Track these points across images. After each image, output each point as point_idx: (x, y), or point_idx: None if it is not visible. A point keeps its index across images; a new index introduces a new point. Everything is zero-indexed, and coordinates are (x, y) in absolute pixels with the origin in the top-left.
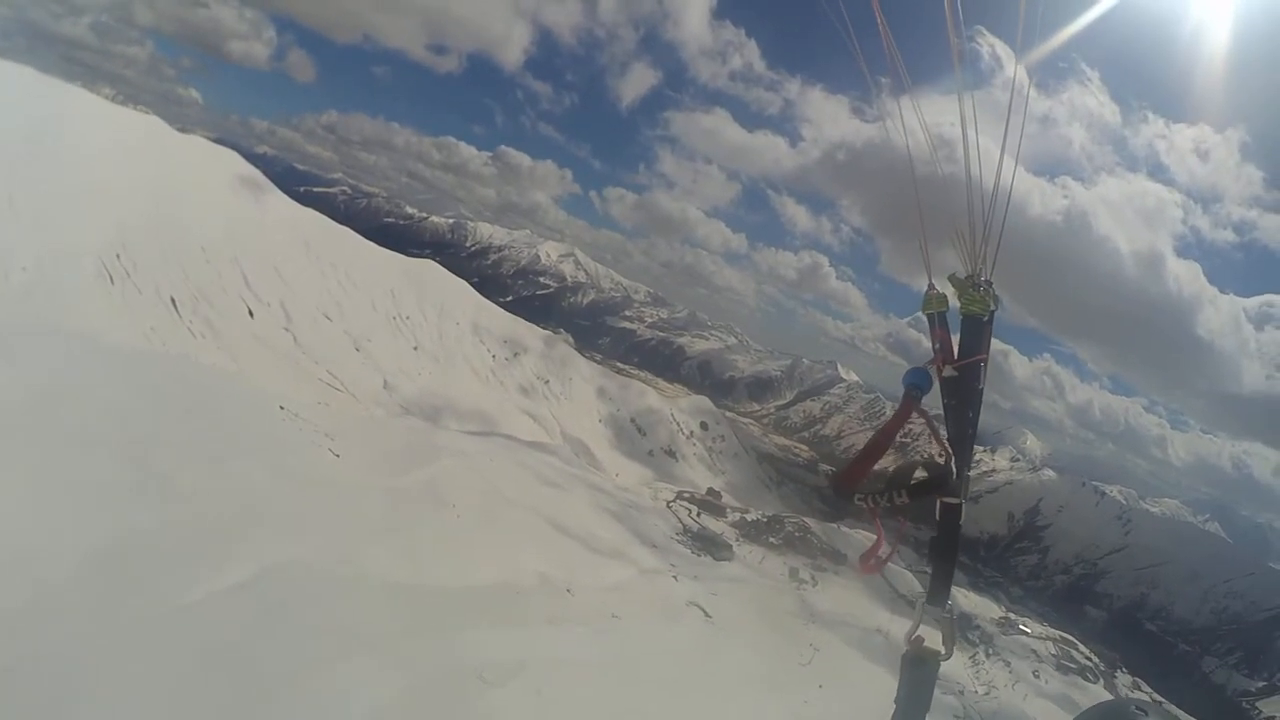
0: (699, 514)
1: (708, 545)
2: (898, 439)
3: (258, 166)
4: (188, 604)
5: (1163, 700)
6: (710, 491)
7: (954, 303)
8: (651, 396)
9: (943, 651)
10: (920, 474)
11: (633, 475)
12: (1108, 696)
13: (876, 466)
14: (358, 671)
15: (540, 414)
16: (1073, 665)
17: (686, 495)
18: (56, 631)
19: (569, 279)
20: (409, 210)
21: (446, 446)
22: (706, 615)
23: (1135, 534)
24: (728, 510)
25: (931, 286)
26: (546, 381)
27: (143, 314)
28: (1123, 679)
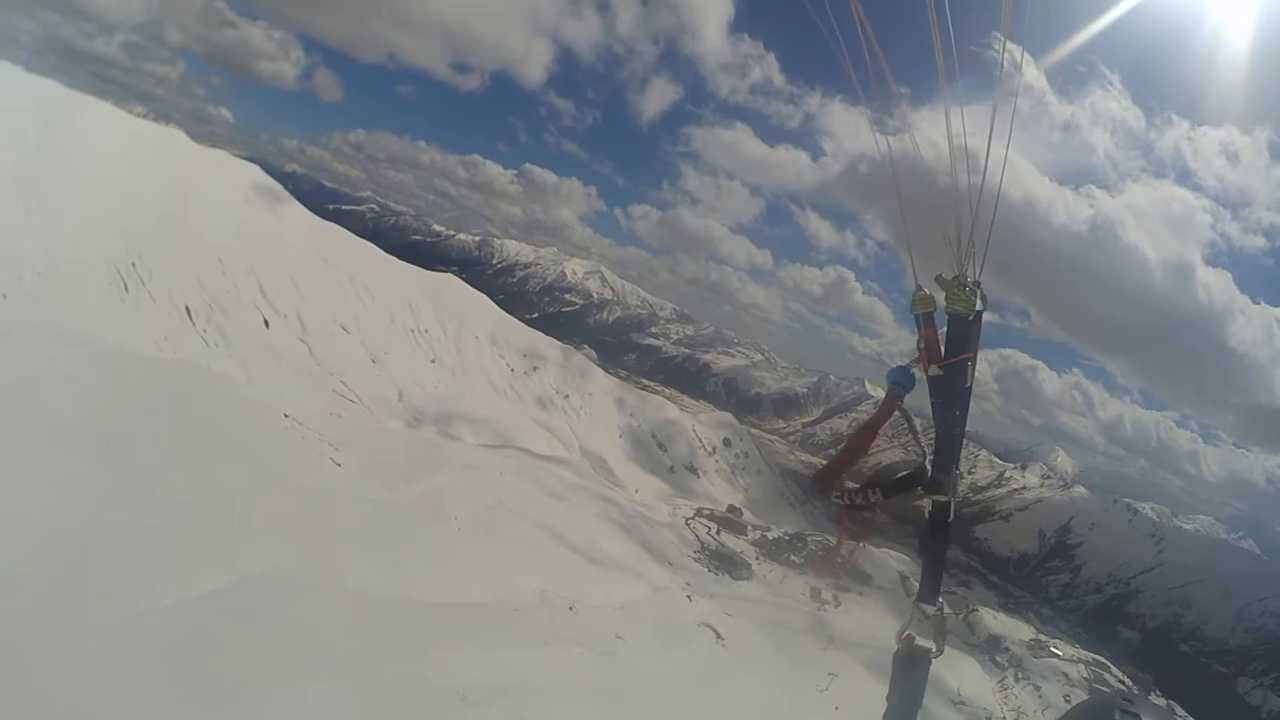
0: (718, 531)
1: (726, 563)
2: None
3: (288, 185)
4: (153, 608)
5: None
6: (731, 508)
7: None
8: (672, 410)
9: (934, 649)
10: (901, 473)
11: (652, 491)
12: None
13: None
14: (327, 691)
15: (558, 427)
16: (1104, 688)
17: (706, 512)
18: None
19: (595, 296)
20: (436, 228)
21: (454, 459)
22: (718, 637)
23: (1168, 552)
24: (748, 528)
25: (919, 288)
26: (566, 396)
27: (156, 322)
28: (1157, 701)
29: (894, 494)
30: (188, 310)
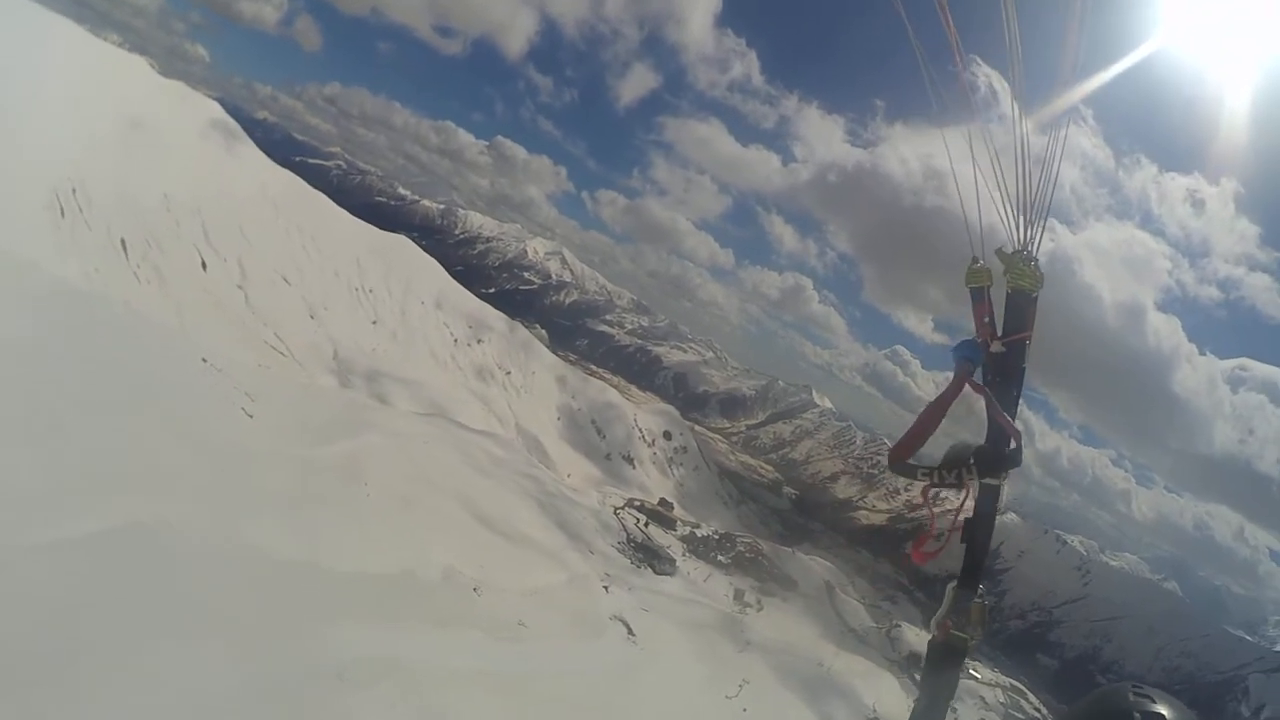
0: (647, 523)
1: (650, 557)
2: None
3: (257, 133)
4: (31, 545)
5: None
6: (663, 502)
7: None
8: (614, 395)
9: (973, 637)
10: (985, 450)
11: (584, 475)
12: None
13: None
14: (195, 654)
15: (494, 401)
16: (1020, 716)
17: (637, 503)
18: None
19: (554, 277)
20: (401, 191)
21: (380, 424)
22: (630, 633)
23: (1093, 585)
24: (678, 523)
25: (975, 260)
26: (508, 372)
27: (89, 252)
28: None
29: (988, 471)
30: (123, 244)
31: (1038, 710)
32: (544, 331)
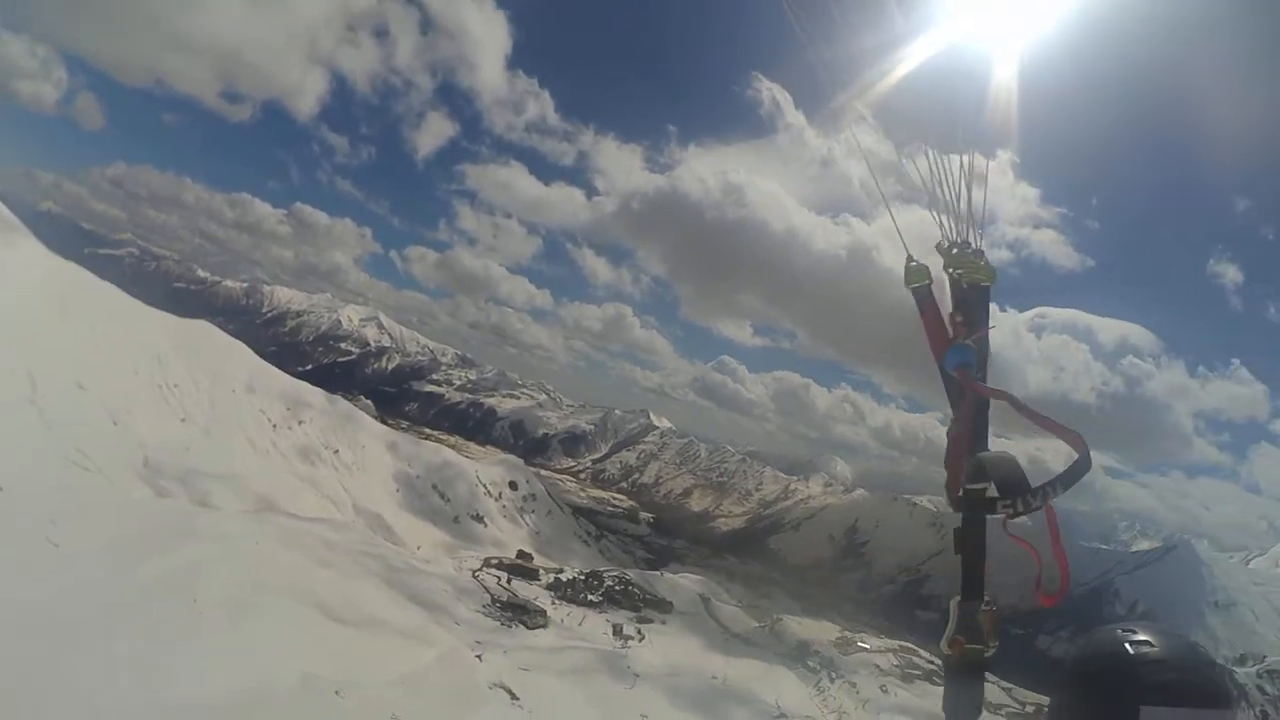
0: (509, 579)
1: (519, 613)
2: None
3: (43, 225)
4: None
5: (1011, 687)
6: (521, 554)
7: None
8: (449, 453)
9: (988, 648)
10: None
11: (435, 543)
12: None
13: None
14: None
15: (327, 484)
16: (917, 672)
17: (495, 561)
18: None
19: (372, 344)
20: (201, 273)
21: (203, 530)
22: (514, 698)
23: (950, 536)
24: (541, 571)
25: (910, 259)
26: (335, 451)
27: None
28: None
29: (1068, 485)
30: None
31: (931, 663)
32: (369, 401)
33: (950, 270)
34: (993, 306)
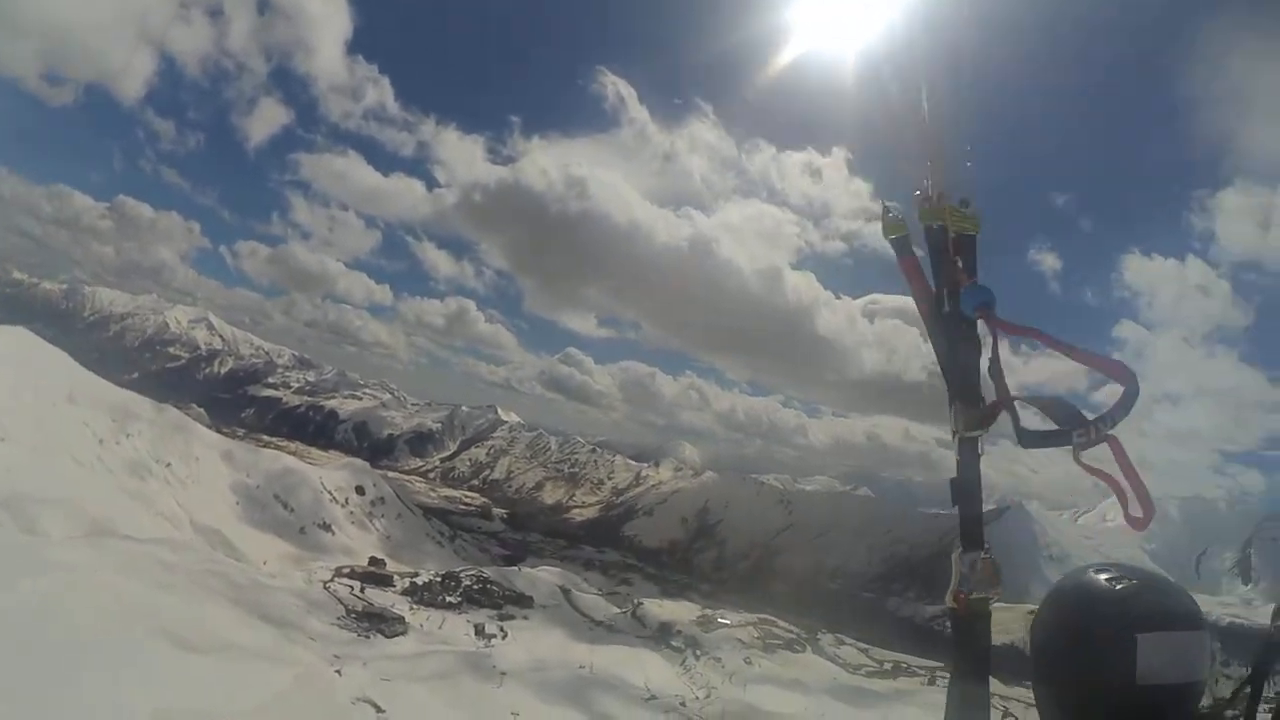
0: (363, 588)
1: (376, 622)
2: None
3: None
4: None
5: (868, 647)
6: (373, 560)
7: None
8: (289, 460)
9: (992, 597)
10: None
11: (281, 556)
12: (819, 661)
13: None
14: None
15: (160, 500)
16: (777, 641)
17: (346, 570)
18: None
19: (203, 347)
20: (16, 275)
21: (31, 562)
22: (379, 710)
23: (797, 511)
24: (394, 578)
25: (887, 210)
26: (168, 464)
27: None
28: (826, 638)
29: (1127, 411)
30: None
31: (790, 631)
32: (201, 409)
33: (930, 223)
34: (828, 294)
